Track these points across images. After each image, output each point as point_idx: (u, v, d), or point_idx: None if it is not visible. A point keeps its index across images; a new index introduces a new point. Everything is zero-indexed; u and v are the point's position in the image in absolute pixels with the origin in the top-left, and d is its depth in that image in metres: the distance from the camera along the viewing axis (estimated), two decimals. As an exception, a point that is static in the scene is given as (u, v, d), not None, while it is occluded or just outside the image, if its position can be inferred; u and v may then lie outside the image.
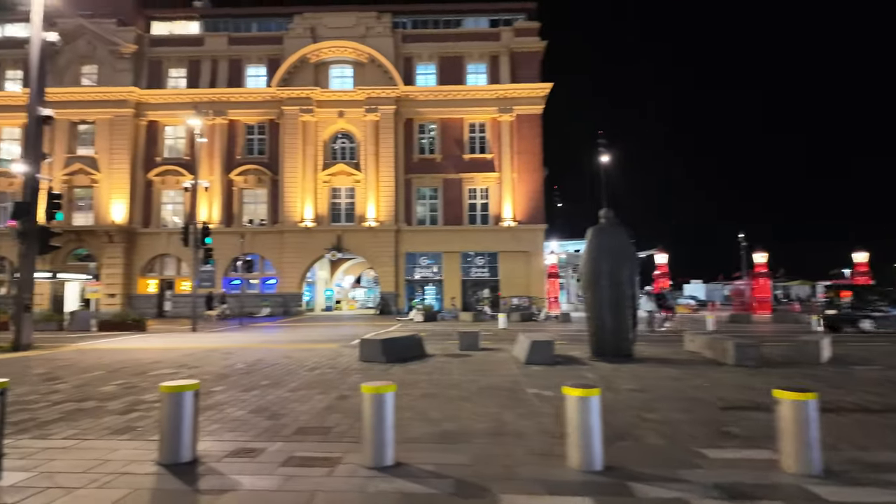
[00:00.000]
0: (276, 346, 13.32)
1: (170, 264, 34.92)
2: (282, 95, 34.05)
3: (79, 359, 10.76)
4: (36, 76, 13.04)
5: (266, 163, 34.90)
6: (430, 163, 34.80)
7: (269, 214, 34.80)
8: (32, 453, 4.28)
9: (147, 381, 7.97)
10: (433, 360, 10.27)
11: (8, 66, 35.33)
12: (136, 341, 15.15)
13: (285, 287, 33.84)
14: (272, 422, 5.45)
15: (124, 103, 33.91)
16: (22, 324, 12.25)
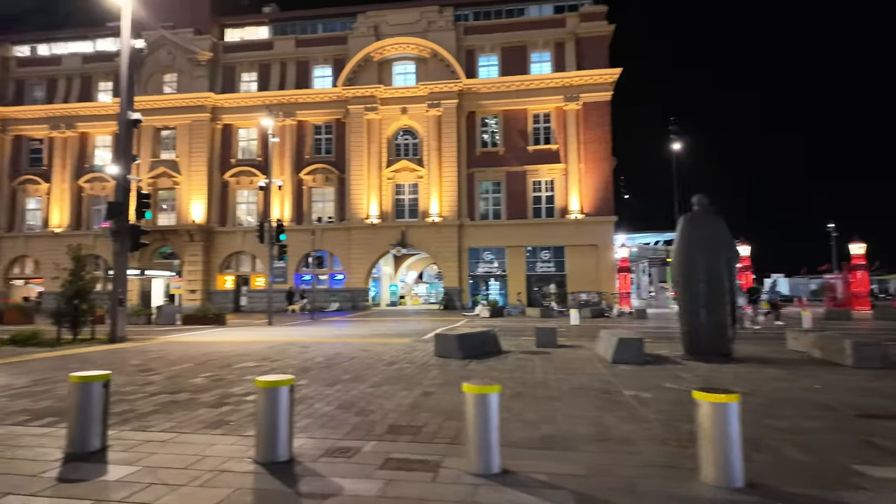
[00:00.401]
0: (351, 340, 13.38)
1: (245, 261, 36.50)
2: (347, 95, 34.64)
3: (168, 351, 11.22)
4: (125, 82, 13.75)
5: (333, 161, 35.66)
6: (493, 156, 34.29)
7: (337, 212, 35.57)
8: (134, 445, 4.28)
9: (233, 373, 8.09)
10: (511, 357, 9.87)
11: (99, 78, 38.09)
12: (218, 334, 15.75)
13: (352, 282, 34.48)
14: (361, 418, 5.26)
15: (201, 108, 35.70)
16: (117, 318, 12.98)
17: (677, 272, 10.07)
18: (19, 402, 5.94)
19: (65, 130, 37.41)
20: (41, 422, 5.06)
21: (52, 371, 8.37)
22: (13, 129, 38.01)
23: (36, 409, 5.64)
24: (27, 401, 6.03)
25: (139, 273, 32.88)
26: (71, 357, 10.17)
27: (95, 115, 37.21)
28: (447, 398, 6.26)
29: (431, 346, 11.52)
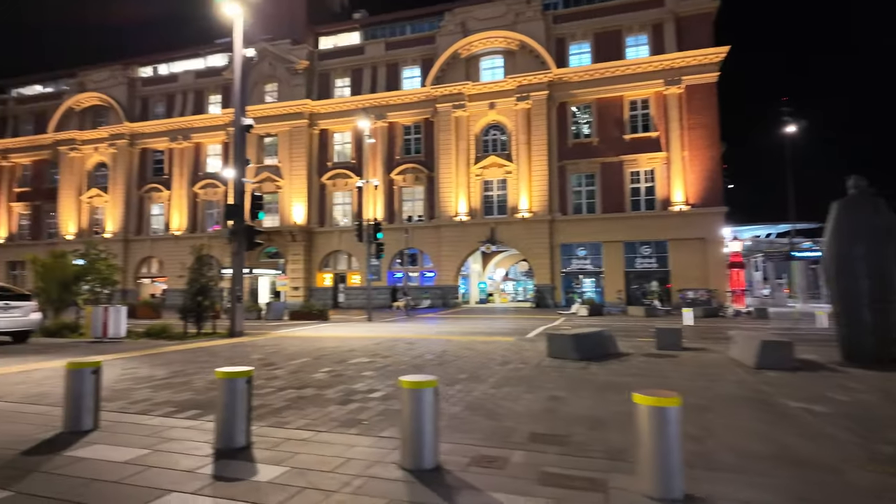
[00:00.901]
0: (452, 337, 13.19)
1: (342, 260, 37.94)
2: (435, 93, 34.82)
3: (283, 345, 11.63)
4: (238, 90, 14.51)
5: (422, 161, 36.05)
6: (586, 147, 32.91)
7: (426, 210, 35.91)
8: (276, 444, 4.21)
9: (349, 369, 8.10)
10: (633, 360, 9.10)
11: (210, 91, 41.28)
12: (324, 330, 16.26)
13: (443, 280, 34.63)
14: (493, 422, 4.90)
15: (300, 115, 37.54)
16: (235, 313, 13.73)
17: (830, 266, 8.75)
18: (163, 394, 6.23)
19: (181, 142, 40.98)
20: (185, 414, 5.20)
21: (186, 363, 8.87)
22: (140, 143, 42.26)
23: (178, 400, 5.86)
24: (169, 392, 6.31)
25: (248, 272, 35.19)
26: (199, 350, 10.81)
27: (207, 126, 40.40)
28: (579, 403, 5.75)
29: (539, 346, 11.01)
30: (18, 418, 5.01)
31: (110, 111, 42.60)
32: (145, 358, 9.56)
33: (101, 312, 12.41)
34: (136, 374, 7.74)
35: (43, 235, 44.10)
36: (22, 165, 45.76)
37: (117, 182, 41.88)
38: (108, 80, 42.88)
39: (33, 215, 44.89)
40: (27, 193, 45.28)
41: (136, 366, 8.54)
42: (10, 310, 11.77)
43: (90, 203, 43.00)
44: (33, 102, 46.09)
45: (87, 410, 4.55)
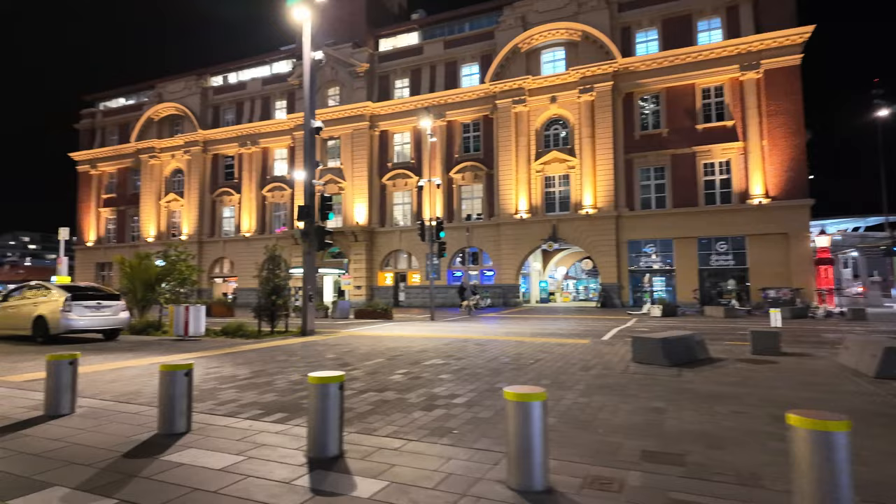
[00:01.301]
0: (523, 338, 12.76)
1: (402, 259, 38.24)
2: (494, 90, 34.35)
3: (354, 344, 11.64)
4: (308, 92, 14.73)
5: (481, 158, 35.69)
6: (655, 139, 31.39)
7: (485, 208, 35.53)
8: (369, 453, 4.01)
9: (426, 371, 7.89)
10: (729, 366, 8.36)
11: (276, 98, 42.73)
12: (391, 329, 16.27)
13: (503, 279, 34.13)
14: (594, 437, 4.49)
15: (361, 118, 38.15)
16: (307, 313, 13.94)
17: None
18: (248, 395, 6.23)
19: (250, 147, 42.69)
20: (273, 417, 5.12)
21: (265, 363, 8.98)
22: (212, 149, 44.41)
23: (264, 402, 5.83)
24: (254, 393, 6.31)
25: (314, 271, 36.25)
26: (275, 349, 10.99)
27: (274, 131, 41.88)
28: (684, 416, 5.22)
29: (619, 349, 10.42)
30: (116, 417, 5.11)
31: (185, 120, 45.06)
32: (226, 357, 9.79)
33: (183, 312, 12.93)
34: (220, 373, 7.88)
35: (127, 238, 47.31)
36: (108, 173, 49.28)
37: (192, 187, 44.24)
38: (182, 91, 45.38)
39: (118, 219, 48.24)
40: (113, 199, 48.71)
41: (218, 365, 8.73)
42: (102, 309, 12.48)
43: (168, 207, 45.69)
44: (117, 114, 49.52)
45: (180, 413, 4.54)
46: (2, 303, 13.01)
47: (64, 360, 5.18)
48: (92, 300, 12.34)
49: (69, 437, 4.36)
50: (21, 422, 4.89)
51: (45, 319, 11.82)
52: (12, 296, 13.17)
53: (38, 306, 12.08)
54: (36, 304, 12.19)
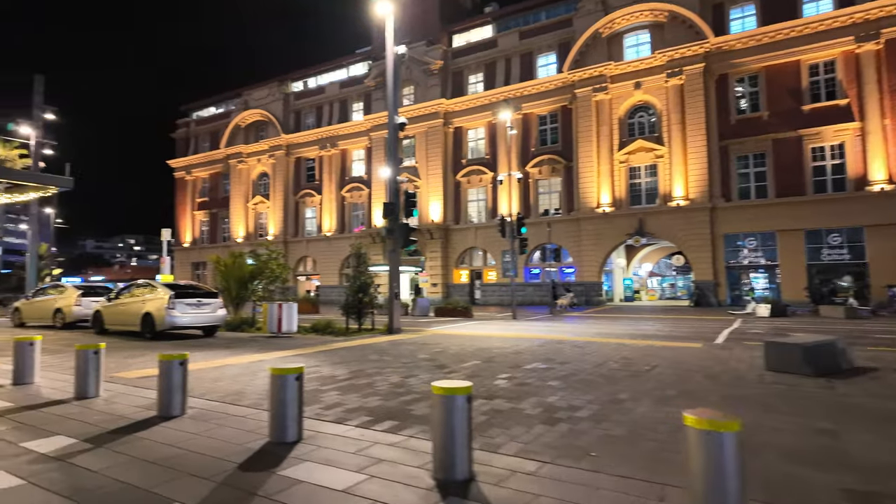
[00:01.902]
0: (622, 340, 11.82)
1: (477, 256, 37.79)
2: (573, 78, 33.01)
3: (444, 344, 11.26)
4: (391, 88, 14.57)
5: (559, 151, 34.46)
6: (753, 123, 28.77)
7: (564, 202, 34.27)
8: (502, 478, 3.50)
9: (530, 376, 7.30)
10: (888, 377, 7.09)
11: (353, 100, 43.66)
12: (474, 328, 15.80)
13: (584, 276, 32.74)
14: (768, 466, 3.71)
15: (435, 115, 38.06)
16: (393, 310, 13.78)
17: None
18: (351, 398, 5.95)
19: (330, 149, 43.94)
20: (383, 426, 4.75)
21: (360, 362, 8.77)
22: (295, 153, 46.19)
23: (370, 407, 5.50)
24: (357, 396, 6.02)
25: (390, 269, 36.70)
26: (366, 348, 10.83)
27: (351, 133, 42.83)
28: (865, 441, 4.29)
29: (740, 354, 9.28)
30: (225, 421, 4.95)
31: (269, 125, 47.20)
32: (321, 355, 9.71)
33: (276, 309, 13.16)
34: (320, 373, 7.72)
35: (219, 239, 50.36)
36: (201, 178, 52.70)
37: (277, 189, 46.27)
38: (266, 98, 47.57)
39: (211, 221, 51.47)
40: (206, 203, 52.04)
41: (315, 364, 8.62)
42: (202, 306, 12.95)
43: (255, 209, 48.11)
44: (208, 123, 52.82)
45: (291, 419, 4.27)
46: (114, 299, 13.88)
47: (175, 360, 5.11)
48: (193, 298, 12.84)
49: (183, 443, 4.20)
50: (137, 423, 4.84)
51: (152, 316, 12.43)
52: (123, 293, 14.01)
53: (146, 303, 12.74)
54: (144, 301, 12.87)
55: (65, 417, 5.02)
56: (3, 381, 6.88)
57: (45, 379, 7.03)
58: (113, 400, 5.81)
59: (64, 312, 15.60)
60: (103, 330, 13.90)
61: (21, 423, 4.79)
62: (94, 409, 5.36)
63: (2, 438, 4.31)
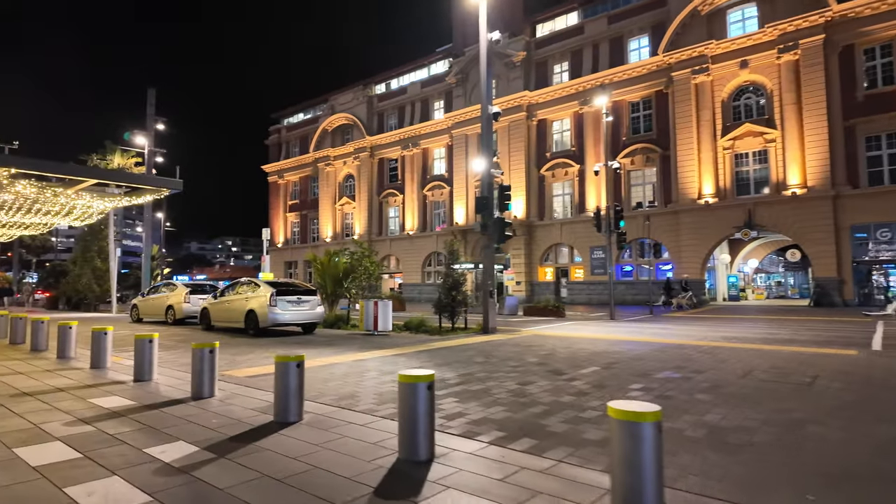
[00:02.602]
0: (753, 345, 10.39)
1: (563, 253, 36.36)
2: (669, 61, 30.73)
3: (549, 346, 10.47)
4: (484, 77, 13.96)
5: (653, 139, 32.28)
6: (886, 98, 25.24)
7: (660, 194, 32.03)
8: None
9: (669, 387, 6.36)
10: None
11: (434, 99, 43.66)
12: (573, 328, 14.82)
13: (683, 273, 30.34)
14: None
15: (518, 108, 37.06)
16: (488, 309, 13.16)
17: None
18: (472, 407, 5.36)
19: (411, 149, 44.26)
20: (521, 444, 4.10)
21: (466, 364, 8.22)
22: (378, 154, 47.04)
23: (496, 419, 4.88)
24: (477, 406, 5.43)
25: (473, 267, 36.21)
26: (466, 348, 10.29)
27: (432, 131, 42.85)
28: None
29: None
30: (345, 430, 4.53)
31: (354, 128, 48.42)
32: (423, 355, 9.28)
33: (372, 307, 13.00)
34: (426, 376, 7.24)
35: (308, 239, 52.49)
36: (292, 182, 55.19)
37: (362, 190, 47.38)
38: (351, 101, 48.84)
39: (301, 223, 53.77)
40: (296, 205, 54.44)
41: (420, 365, 8.17)
42: (301, 303, 13.05)
43: (342, 210, 49.60)
44: (298, 128, 55.20)
45: (423, 435, 3.73)
46: (220, 297, 14.39)
47: (291, 363, 4.77)
48: (293, 295, 12.97)
49: (307, 457, 3.80)
50: (254, 429, 4.54)
51: (255, 313, 12.68)
52: (227, 291, 14.49)
53: (249, 301, 13.04)
54: (247, 298, 13.19)
55: (184, 420, 4.84)
56: (126, 377, 7.01)
57: (162, 376, 7.10)
58: (228, 401, 5.63)
59: (175, 309, 16.51)
60: (210, 326, 14.47)
61: (143, 425, 4.65)
62: (211, 411, 5.17)
63: (126, 441, 4.13)
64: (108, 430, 4.47)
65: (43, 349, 9.74)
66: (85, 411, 5.14)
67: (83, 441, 4.14)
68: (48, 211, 15.80)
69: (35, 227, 20.18)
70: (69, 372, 7.43)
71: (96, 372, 7.44)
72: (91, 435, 4.32)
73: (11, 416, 4.98)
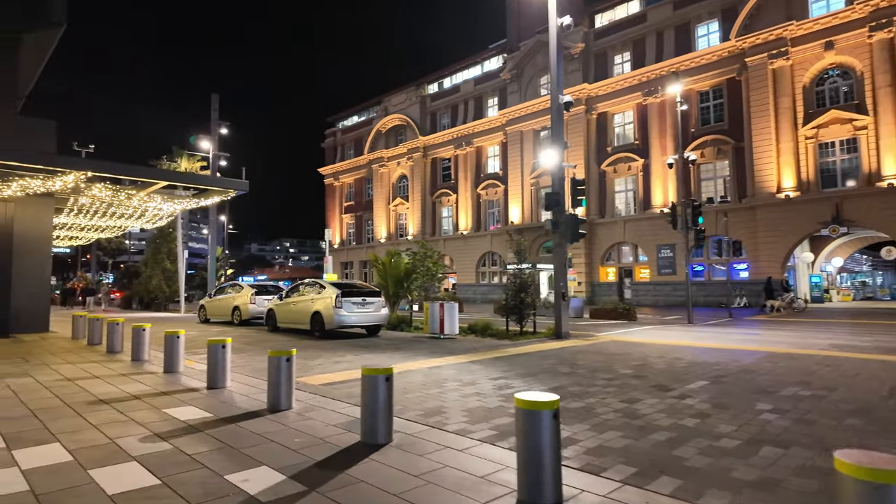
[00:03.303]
0: (882, 356, 9.08)
1: (626, 252, 34.74)
2: (743, 46, 28.68)
3: (636, 354, 9.57)
4: (555, 65, 13.16)
5: (725, 130, 30.25)
6: None
7: (733, 189, 29.96)
8: None
9: (804, 409, 5.40)
10: None
11: (488, 96, 42.94)
12: (654, 333, 13.72)
13: (762, 272, 28.20)
14: None
15: (577, 102, 35.71)
16: (561, 312, 12.34)
17: None
18: (579, 431, 4.65)
19: (465, 147, 43.70)
20: (664, 487, 3.37)
21: (553, 375, 7.50)
22: (431, 154, 46.79)
23: (616, 448, 4.16)
24: (587, 429, 4.71)
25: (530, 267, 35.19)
26: (544, 355, 9.56)
27: (486, 129, 42.13)
28: None
29: None
30: (442, 456, 3.94)
31: (407, 128, 48.41)
32: (499, 363, 8.63)
33: (438, 309, 12.47)
34: (512, 386, 6.58)
35: (363, 240, 52.97)
36: (347, 184, 55.91)
37: (415, 190, 47.28)
38: (404, 102, 48.86)
39: (356, 224, 54.36)
40: (351, 206, 55.09)
41: (500, 376, 7.52)
42: (366, 305, 12.69)
43: (395, 210, 49.71)
44: (352, 131, 55.86)
45: (548, 475, 3.07)
46: (285, 298, 14.28)
47: (380, 376, 4.24)
48: (357, 296, 12.64)
49: (409, 493, 3.23)
50: (341, 452, 4.04)
51: (321, 315, 12.43)
52: (292, 293, 14.37)
53: (315, 302, 12.81)
54: (312, 300, 12.97)
55: (264, 438, 4.40)
56: (198, 383, 6.75)
57: (235, 383, 6.80)
58: (306, 414, 5.18)
59: (241, 310, 16.63)
60: (275, 327, 14.40)
61: (221, 443, 4.24)
62: (291, 427, 4.73)
63: (205, 465, 3.71)
64: (185, 448, 4.09)
65: (118, 351, 9.79)
66: (160, 424, 4.82)
67: (160, 463, 3.75)
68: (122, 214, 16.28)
69: (110, 230, 21.01)
70: (143, 377, 7.28)
71: (170, 377, 7.24)
72: (168, 455, 3.94)
73: (88, 427, 4.71)
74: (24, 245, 12.72)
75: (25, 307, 12.70)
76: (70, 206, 15.33)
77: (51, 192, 12.09)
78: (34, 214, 13.05)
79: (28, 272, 12.81)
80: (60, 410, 5.31)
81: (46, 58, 15.20)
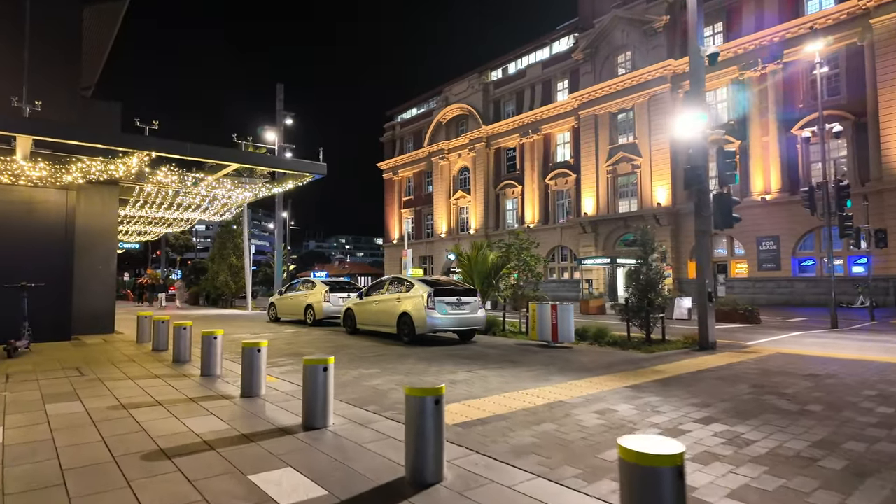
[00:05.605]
0: None
1: (719, 244, 31.26)
2: (868, 4, 24.75)
3: (839, 374, 7.09)
4: (694, 9, 10.67)
5: (841, 104, 26.37)
6: None
7: (854, 170, 26.04)
8: None
9: None
10: None
11: (557, 79, 40.16)
12: (819, 342, 11.03)
13: (891, 268, 24.26)
14: None
15: (661, 80, 32.54)
16: (706, 317, 9.92)
17: None
18: None
19: (531, 135, 41.14)
20: None
21: (760, 409, 5.21)
22: (494, 143, 44.52)
23: None
24: None
25: (608, 262, 32.36)
26: (717, 375, 7.24)
27: (555, 115, 39.41)
28: None
29: None
30: None
31: (469, 118, 46.33)
32: (671, 390, 6.39)
33: (549, 312, 10.32)
34: (741, 437, 4.36)
35: (423, 235, 51.44)
36: (406, 178, 54.54)
37: (477, 183, 45.18)
38: (466, 91, 46.79)
39: (416, 218, 52.88)
40: (410, 200, 53.68)
41: (696, 412, 5.29)
42: (462, 306, 10.74)
43: (457, 204, 47.81)
44: (411, 124, 54.38)
45: None
46: (365, 297, 12.56)
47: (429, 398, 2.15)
48: (451, 296, 10.70)
49: None
50: None
51: (410, 317, 10.58)
52: (373, 291, 12.62)
53: (402, 302, 10.99)
54: (399, 299, 11.15)
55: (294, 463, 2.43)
56: (289, 418, 4.93)
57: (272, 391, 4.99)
58: (343, 436, 3.19)
59: (314, 309, 15.12)
60: (355, 329, 12.72)
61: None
62: (325, 453, 3.18)
63: None
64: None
65: (185, 360, 8.29)
66: None
67: None
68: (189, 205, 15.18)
69: (177, 224, 20.19)
70: (217, 404, 5.56)
71: (249, 405, 5.50)
72: None
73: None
74: (88, 238, 11.63)
75: (89, 307, 11.61)
76: (135, 196, 14.29)
77: (114, 178, 10.88)
78: (98, 205, 11.96)
79: (91, 268, 11.72)
80: (103, 476, 3.58)
81: (111, 39, 14.18)
